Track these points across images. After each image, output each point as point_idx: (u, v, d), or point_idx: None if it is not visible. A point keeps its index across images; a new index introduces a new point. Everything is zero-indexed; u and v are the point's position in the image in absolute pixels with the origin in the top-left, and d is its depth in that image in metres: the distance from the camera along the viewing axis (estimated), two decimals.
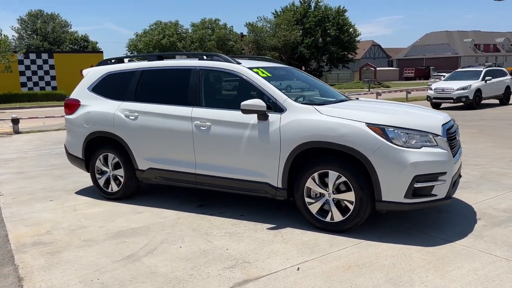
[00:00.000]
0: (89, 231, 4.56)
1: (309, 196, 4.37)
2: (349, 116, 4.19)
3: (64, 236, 4.44)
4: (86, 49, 61.68)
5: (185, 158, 5.02)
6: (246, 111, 4.47)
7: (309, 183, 4.32)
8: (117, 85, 5.73)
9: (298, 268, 3.55)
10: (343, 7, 53.67)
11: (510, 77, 19.57)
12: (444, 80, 19.84)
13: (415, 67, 70.99)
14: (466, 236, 4.13)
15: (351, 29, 54.53)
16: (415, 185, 3.95)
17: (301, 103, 4.54)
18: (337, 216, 4.23)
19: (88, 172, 5.99)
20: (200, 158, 4.91)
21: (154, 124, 5.17)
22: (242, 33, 47.58)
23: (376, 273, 3.42)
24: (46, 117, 16.50)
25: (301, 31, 49.73)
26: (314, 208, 4.34)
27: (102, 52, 40.67)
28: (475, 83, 17.44)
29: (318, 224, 4.33)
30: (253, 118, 4.56)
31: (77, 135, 5.86)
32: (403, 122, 4.12)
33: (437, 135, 4.11)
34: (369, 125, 4.06)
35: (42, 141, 11.74)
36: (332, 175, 4.19)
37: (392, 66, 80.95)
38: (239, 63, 4.98)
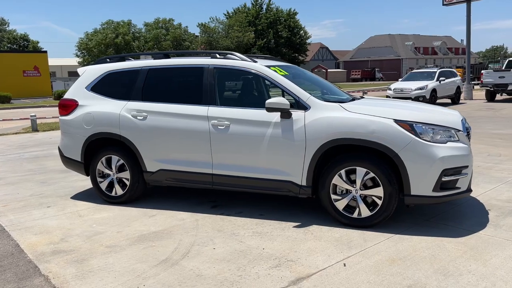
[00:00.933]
0: (108, 237, 4.35)
1: (335, 193, 4.41)
2: (376, 113, 4.28)
3: (83, 243, 4.20)
4: (27, 49, 58.51)
5: (201, 158, 4.91)
6: (270, 109, 4.45)
7: (336, 180, 4.36)
8: (121, 84, 5.50)
9: (344, 264, 3.57)
10: (294, 10, 54.66)
11: (459, 78, 20.78)
12: (401, 80, 20.71)
13: (361, 69, 73.45)
14: (486, 226, 4.33)
15: (302, 32, 55.58)
16: (443, 179, 4.10)
17: (324, 101, 4.57)
18: (365, 212, 4.30)
19: (87, 175, 5.71)
20: (217, 158, 4.82)
21: (165, 124, 5.01)
22: (194, 33, 47.17)
23: (421, 265, 3.51)
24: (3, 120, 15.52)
25: (253, 32, 50.00)
26: (340, 204, 4.39)
27: (46, 52, 38.68)
28: (431, 84, 18.35)
29: (345, 220, 4.38)
30: (275, 117, 4.54)
31: (75, 137, 5.56)
32: (428, 118, 4.26)
33: (459, 130, 4.29)
34: (397, 121, 4.17)
35: (3, 145, 11.02)
36: (360, 171, 4.25)
37: (339, 68, 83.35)
38: (255, 61, 4.94)
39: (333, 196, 4.41)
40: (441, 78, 18.88)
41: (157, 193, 5.92)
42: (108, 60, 5.79)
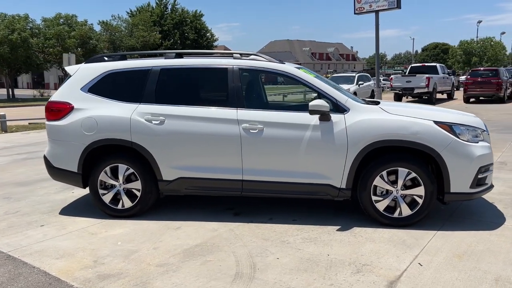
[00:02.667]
0: (148, 255, 3.92)
1: (375, 194, 4.47)
2: (416, 115, 4.44)
3: (125, 264, 3.73)
4: None
5: (229, 164, 4.65)
6: (313, 112, 4.39)
7: (377, 181, 4.43)
8: (126, 85, 4.99)
9: (420, 263, 3.63)
10: (200, 12, 54.30)
11: (373, 82, 22.39)
12: None
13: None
14: (506, 218, 4.70)
15: (209, 34, 55.46)
16: (479, 176, 4.38)
17: (363, 104, 4.62)
18: (406, 211, 4.42)
19: (84, 188, 5.08)
20: (249, 163, 4.60)
21: (187, 129, 4.66)
22: (100, 31, 44.46)
23: (487, 259, 3.71)
24: None
25: (159, 33, 48.67)
26: (381, 205, 4.46)
27: None
28: (352, 87, 19.53)
29: (386, 220, 4.47)
30: (314, 119, 4.47)
31: (70, 145, 4.91)
32: (461, 119, 4.53)
33: (484, 130, 4.61)
34: (437, 123, 4.36)
35: None
36: (402, 172, 4.37)
37: None
38: (283, 63, 4.82)
39: (374, 197, 4.46)
40: (360, 82, 20.16)
41: (159, 204, 5.45)
42: (106, 58, 5.21)
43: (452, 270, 3.49)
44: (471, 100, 22.75)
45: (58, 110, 4.97)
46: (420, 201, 4.39)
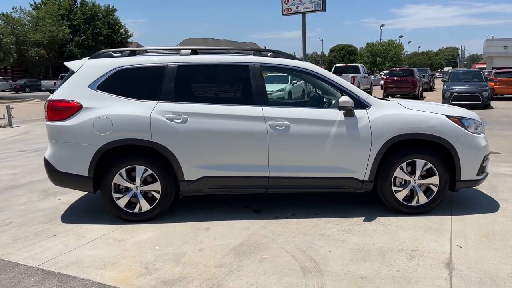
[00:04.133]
0: (199, 257, 3.81)
1: (395, 185, 4.76)
2: (430, 110, 4.80)
3: (182, 268, 3.60)
4: None
5: (255, 162, 4.64)
6: (342, 108, 4.55)
7: (397, 172, 4.72)
8: (140, 82, 4.75)
9: (459, 245, 3.96)
10: (113, 6, 51.96)
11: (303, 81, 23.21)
12: None
13: None
14: (500, 201, 5.20)
15: (122, 30, 53.28)
16: (483, 164, 4.86)
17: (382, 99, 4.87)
18: (422, 199, 4.77)
19: (94, 193, 4.75)
20: (275, 160, 4.63)
21: (212, 127, 4.57)
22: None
23: (509, 236, 4.15)
24: None
25: (69, 27, 45.69)
26: (401, 195, 4.76)
27: None
28: (288, 86, 20.06)
29: (405, 209, 4.77)
30: (339, 115, 4.64)
31: (79, 147, 4.56)
32: (466, 113, 4.97)
33: (481, 123, 5.12)
34: (449, 116, 4.75)
35: None
36: (420, 163, 4.70)
37: None
38: (302, 60, 4.92)
39: (394, 188, 4.74)
40: (293, 81, 20.77)
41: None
42: (113, 54, 4.89)
43: (489, 249, 3.86)
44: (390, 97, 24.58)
45: (64, 110, 4.58)
46: (435, 189, 4.75)
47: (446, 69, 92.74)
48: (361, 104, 4.71)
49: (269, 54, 4.95)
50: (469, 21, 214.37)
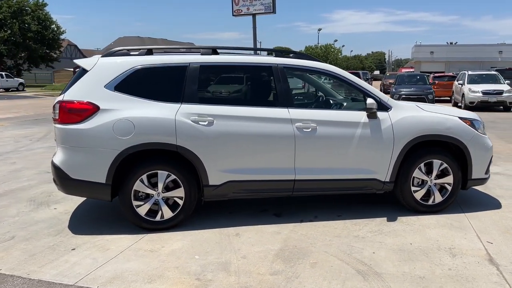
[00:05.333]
0: (247, 265, 3.67)
1: (413, 185, 4.90)
2: (445, 112, 4.98)
3: (237, 278, 3.45)
4: None
5: (282, 164, 4.57)
6: (369, 110, 4.60)
7: (416, 173, 4.85)
8: (161, 82, 4.50)
9: (488, 241, 4.15)
10: (43, 1, 48.97)
11: None
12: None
13: None
14: (499, 198, 5.50)
15: (54, 26, 50.42)
16: (490, 163, 5.13)
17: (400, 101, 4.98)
18: (438, 198, 4.95)
19: (111, 201, 4.43)
20: (301, 163, 4.59)
21: (239, 130, 4.43)
22: None
23: None
24: None
25: None
26: (419, 195, 4.90)
27: None
28: (243, 87, 20.02)
29: (422, 208, 4.92)
30: (363, 117, 4.69)
31: (97, 152, 4.23)
32: (474, 116, 5.22)
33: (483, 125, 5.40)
34: (461, 118, 4.97)
35: None
36: (436, 163, 4.87)
37: None
38: (321, 61, 4.92)
39: (413, 188, 4.88)
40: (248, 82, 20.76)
41: None
42: (130, 52, 4.59)
43: None
44: None
45: (79, 111, 4.23)
46: (450, 188, 4.94)
47: (376, 72, 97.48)
48: (383, 106, 4.78)
49: (291, 55, 4.89)
50: (393, 28, 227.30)
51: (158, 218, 4.41)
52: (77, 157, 4.25)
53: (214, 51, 4.72)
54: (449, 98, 22.55)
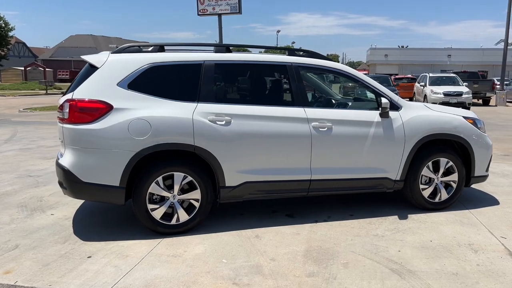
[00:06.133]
0: (279, 267, 3.59)
1: (421, 183, 4.99)
2: (451, 111, 5.11)
3: (275, 281, 3.36)
4: None
5: (299, 164, 4.52)
6: (384, 109, 4.64)
7: (424, 171, 4.95)
8: (176, 80, 4.33)
9: (502, 237, 4.29)
10: None
11: None
12: None
13: (69, 69, 68.91)
14: (494, 195, 5.70)
15: (2, 22, 47.90)
16: (490, 161, 5.32)
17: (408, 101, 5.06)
18: (444, 196, 5.07)
19: (124, 204, 4.22)
20: (317, 162, 4.56)
21: (256, 129, 4.34)
22: None
23: None
24: None
25: None
26: (426, 192, 5.00)
27: None
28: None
29: (430, 205, 5.02)
30: (376, 116, 4.72)
31: (110, 154, 4.01)
32: (475, 115, 5.38)
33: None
34: (465, 117, 5.12)
35: None
36: (443, 161, 4.99)
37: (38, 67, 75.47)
38: (334, 61, 4.91)
39: (421, 186, 4.97)
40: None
41: None
42: (142, 49, 4.38)
43: None
44: None
45: (91, 111, 3.99)
46: (454, 185, 5.07)
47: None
48: (394, 106, 4.84)
49: (302, 53, 4.84)
50: (346, 31, 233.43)
51: (173, 221, 4.24)
52: (89, 159, 4.01)
53: (227, 48, 4.59)
54: (409, 99, 23.30)
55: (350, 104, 5.40)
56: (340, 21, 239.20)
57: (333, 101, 5.54)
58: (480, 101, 23.40)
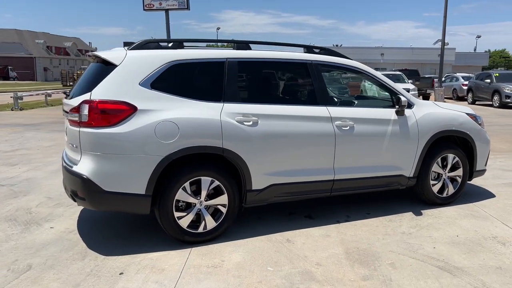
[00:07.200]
0: (328, 272, 3.48)
1: (431, 179, 5.10)
2: (456, 109, 5.26)
3: (335, 287, 3.26)
4: None
5: (323, 165, 4.44)
6: (402, 107, 4.67)
7: (434, 167, 5.07)
8: (199, 79, 4.08)
9: None
10: None
11: None
12: None
13: None
14: (488, 187, 5.97)
15: None
16: (488, 155, 5.56)
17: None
18: (451, 190, 5.22)
19: (149, 213, 3.91)
20: (340, 162, 4.50)
21: (283, 130, 4.20)
22: None
23: None
24: None
25: None
26: (436, 188, 5.12)
27: None
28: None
29: (439, 200, 5.15)
30: (393, 114, 4.75)
31: (136, 159, 3.69)
32: (473, 111, 5.59)
33: None
34: (468, 114, 5.30)
35: None
36: (450, 157, 5.13)
37: None
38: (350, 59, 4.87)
39: (432, 182, 5.08)
40: None
41: None
42: (161, 44, 4.06)
43: None
44: None
45: (114, 113, 3.64)
46: (459, 180, 5.23)
47: None
48: (408, 104, 4.88)
49: (318, 51, 4.74)
50: (280, 29, 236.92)
51: (201, 229, 3.99)
52: (112, 166, 3.65)
53: (247, 45, 4.39)
54: None
55: (356, 102, 5.39)
56: (274, 19, 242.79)
57: (336, 100, 5.51)
58: (421, 98, 24.65)
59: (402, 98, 4.63)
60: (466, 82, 24.08)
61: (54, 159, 7.85)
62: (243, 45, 4.33)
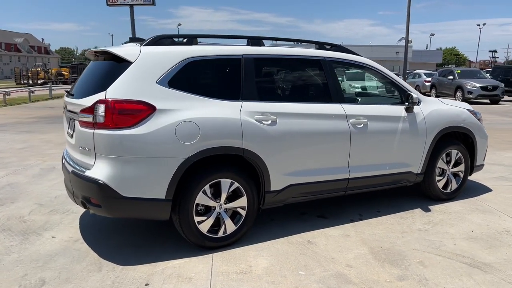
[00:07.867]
0: (367, 274, 3.42)
1: (436, 175, 5.15)
2: (458, 105, 5.33)
3: None
4: None
5: (338, 163, 4.37)
6: (414, 104, 4.67)
7: (440, 163, 5.12)
8: (217, 77, 3.90)
9: None
10: None
11: None
12: None
13: None
14: (483, 182, 6.10)
15: None
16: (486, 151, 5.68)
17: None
18: (454, 186, 5.29)
19: (167, 219, 3.70)
20: (354, 160, 4.45)
21: (302, 128, 4.09)
22: None
23: None
24: None
25: None
26: (441, 184, 5.17)
27: None
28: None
29: (444, 196, 5.21)
30: (403, 111, 4.75)
31: (156, 162, 3.47)
32: (471, 107, 5.69)
33: None
34: (469, 110, 5.39)
35: None
36: (454, 153, 5.20)
37: None
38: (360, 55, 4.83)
39: (437, 178, 5.13)
40: None
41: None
42: (176, 40, 3.84)
43: None
44: None
45: (133, 113, 3.41)
46: (462, 175, 5.31)
47: None
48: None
49: (329, 47, 4.66)
50: (239, 26, 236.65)
51: (221, 233, 3.82)
52: (130, 170, 3.42)
53: (261, 41, 4.24)
54: None
55: (360, 99, 5.35)
56: (232, 16, 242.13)
57: (352, 97, 5.50)
58: None
59: (414, 95, 4.62)
60: (429, 79, 24.83)
61: (32, 162, 7.41)
62: (258, 41, 4.17)
